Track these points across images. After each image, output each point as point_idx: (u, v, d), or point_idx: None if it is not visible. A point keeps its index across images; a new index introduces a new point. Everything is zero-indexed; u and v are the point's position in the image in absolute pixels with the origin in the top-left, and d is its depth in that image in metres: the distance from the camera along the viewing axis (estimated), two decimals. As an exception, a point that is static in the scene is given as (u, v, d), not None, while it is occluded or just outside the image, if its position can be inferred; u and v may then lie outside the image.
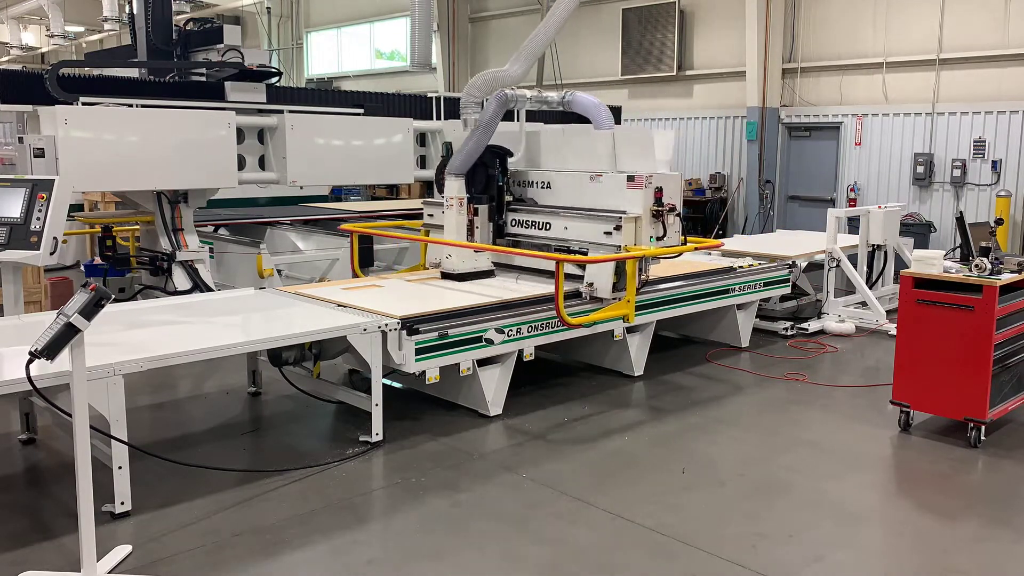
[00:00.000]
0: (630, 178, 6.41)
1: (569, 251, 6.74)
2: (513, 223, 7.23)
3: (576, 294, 6.39)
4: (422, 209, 7.80)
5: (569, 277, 6.39)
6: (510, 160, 7.27)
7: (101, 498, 4.22)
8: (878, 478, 5.20)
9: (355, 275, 7.52)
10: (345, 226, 7.87)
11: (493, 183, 7.14)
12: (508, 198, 7.26)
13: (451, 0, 18.66)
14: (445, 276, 6.99)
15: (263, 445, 5.55)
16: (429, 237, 7.49)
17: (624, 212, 6.38)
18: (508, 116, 7.18)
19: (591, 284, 6.40)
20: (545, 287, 6.56)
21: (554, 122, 9.73)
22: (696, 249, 7.02)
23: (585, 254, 6.60)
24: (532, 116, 9.50)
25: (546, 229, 6.97)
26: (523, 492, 4.81)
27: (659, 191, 6.38)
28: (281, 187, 8.75)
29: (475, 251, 6.97)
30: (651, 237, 6.39)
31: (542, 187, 7.18)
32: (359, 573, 3.92)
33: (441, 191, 7.19)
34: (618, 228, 6.35)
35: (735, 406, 6.44)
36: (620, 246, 6.35)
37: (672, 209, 6.42)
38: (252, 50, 9.15)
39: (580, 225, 6.70)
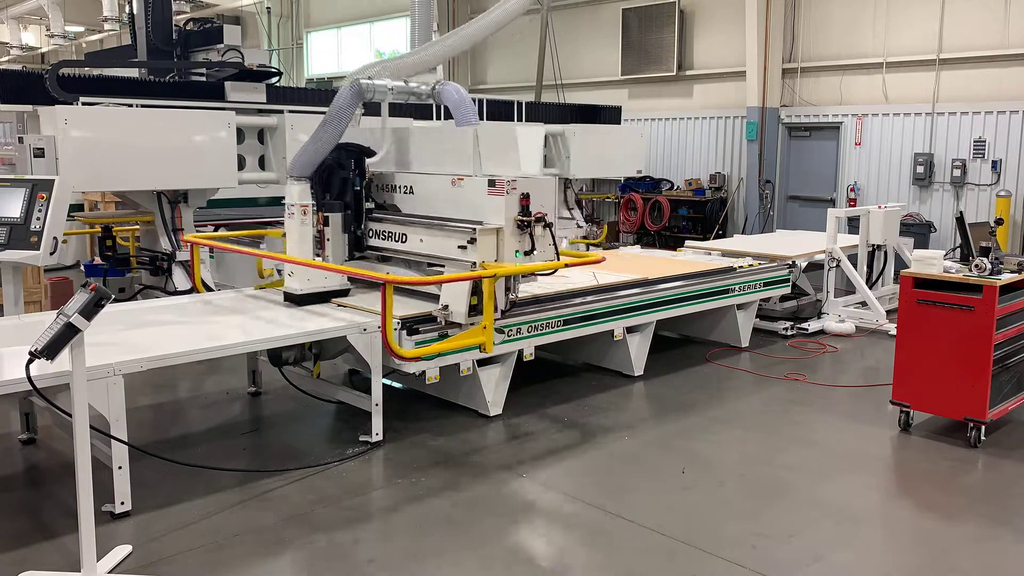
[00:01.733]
0: (491, 183, 5.53)
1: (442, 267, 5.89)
2: (375, 234, 6.28)
3: (432, 318, 5.55)
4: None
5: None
6: (370, 161, 6.27)
7: (101, 498, 4.22)
8: (878, 478, 5.20)
9: (196, 289, 6.68)
10: (188, 237, 7.01)
11: (349, 187, 6.15)
12: (368, 205, 6.26)
13: (451, 0, 18.65)
14: (288, 298, 5.97)
15: (263, 445, 5.56)
16: (270, 254, 6.60)
17: (481, 223, 5.53)
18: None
19: (446, 307, 5.54)
20: (409, 307, 5.76)
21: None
22: (568, 266, 5.92)
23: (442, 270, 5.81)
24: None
25: (403, 241, 6.08)
26: (523, 492, 4.81)
27: (525, 198, 5.50)
28: (281, 187, 8.73)
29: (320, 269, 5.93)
30: (516, 252, 5.54)
31: (405, 192, 6.24)
32: (359, 573, 3.92)
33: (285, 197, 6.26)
34: (472, 241, 5.48)
35: (735, 406, 6.44)
36: (475, 262, 5.51)
37: (541, 219, 5.57)
38: (252, 50, 9.17)
39: (434, 237, 5.83)
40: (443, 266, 5.84)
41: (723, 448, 5.56)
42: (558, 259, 5.76)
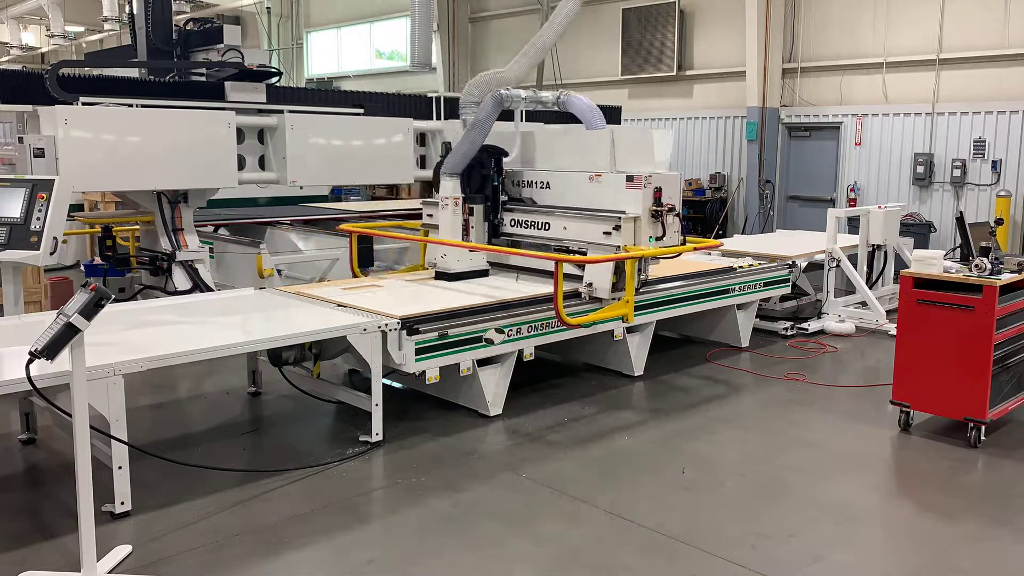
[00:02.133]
0: (629, 178, 6.36)
1: (568, 251, 6.69)
2: (511, 223, 7.18)
3: (575, 294, 6.36)
4: (421, 209, 7.84)
5: (567, 277, 6.37)
6: (505, 160, 7.18)
7: (101, 498, 4.22)
8: (878, 478, 5.20)
9: (354, 275, 7.50)
10: (344, 226, 7.81)
11: (488, 183, 7.08)
12: (503, 198, 7.20)
13: (451, 0, 18.65)
14: (440, 276, 6.94)
15: (263, 445, 5.56)
16: (427, 237, 7.49)
17: (623, 212, 6.33)
18: (507, 116, 7.21)
19: (590, 284, 6.38)
20: (543, 287, 6.54)
21: (553, 122, 9.73)
22: (695, 249, 6.91)
23: (584, 254, 6.55)
24: (531, 116, 9.48)
25: (545, 229, 6.93)
26: (523, 492, 4.81)
27: (658, 191, 6.34)
28: (281, 187, 8.75)
29: (470, 251, 6.95)
30: (650, 237, 6.36)
31: (541, 187, 7.14)
32: (359, 573, 3.92)
33: (438, 191, 7.17)
34: (617, 228, 6.30)
35: (735, 406, 6.44)
36: (619, 246, 6.30)
37: (671, 209, 6.38)
38: (252, 50, 9.14)
39: (579, 225, 6.65)
40: (582, 251, 6.57)
41: (723, 448, 5.56)
42: (684, 244, 6.62)
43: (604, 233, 6.40)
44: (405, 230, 8.38)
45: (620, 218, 6.29)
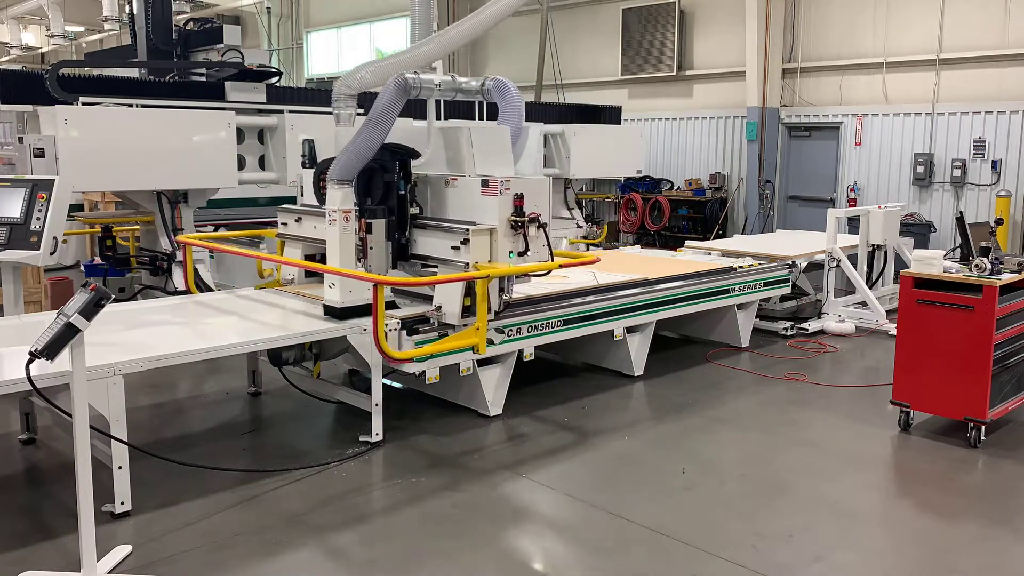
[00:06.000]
0: (484, 183, 5.49)
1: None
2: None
3: (424, 319, 5.56)
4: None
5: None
6: (414, 163, 5.88)
7: (101, 498, 4.22)
8: (878, 478, 5.20)
9: (188, 291, 6.59)
10: (181, 238, 6.76)
11: (393, 191, 5.74)
12: (413, 210, 5.87)
13: (451, 0, 18.65)
14: (328, 311, 5.59)
15: (263, 445, 5.56)
16: (279, 255, 6.51)
17: (475, 223, 5.50)
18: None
19: (439, 308, 5.57)
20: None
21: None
22: (562, 267, 5.78)
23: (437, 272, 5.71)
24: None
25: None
26: (523, 492, 4.81)
27: (519, 198, 5.46)
28: (281, 187, 8.74)
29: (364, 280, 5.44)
30: (510, 252, 5.52)
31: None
32: (359, 573, 3.92)
33: (323, 202, 5.80)
34: (465, 242, 5.41)
35: (735, 406, 6.44)
36: (468, 263, 5.43)
37: (535, 220, 5.53)
38: (252, 50, 9.17)
39: (426, 238, 5.76)
40: (436, 267, 5.74)
41: (723, 448, 5.57)
42: (552, 260, 5.66)
43: (452, 248, 5.49)
44: (263, 241, 7.43)
45: (469, 230, 5.41)
